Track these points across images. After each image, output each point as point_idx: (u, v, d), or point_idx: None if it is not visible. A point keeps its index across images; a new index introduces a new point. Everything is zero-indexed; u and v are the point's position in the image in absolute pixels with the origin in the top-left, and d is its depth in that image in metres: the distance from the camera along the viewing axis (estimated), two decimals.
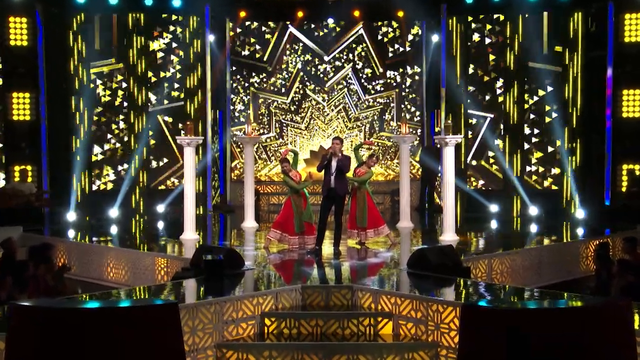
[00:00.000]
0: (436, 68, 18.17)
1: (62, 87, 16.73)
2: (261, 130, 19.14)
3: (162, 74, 17.55)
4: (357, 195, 12.27)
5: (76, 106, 16.96)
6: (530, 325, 4.02)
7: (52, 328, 4.01)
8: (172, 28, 17.58)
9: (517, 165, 16.89)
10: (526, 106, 17.04)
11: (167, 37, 17.62)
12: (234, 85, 19.16)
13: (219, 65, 18.54)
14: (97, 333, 4.00)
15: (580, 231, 14.38)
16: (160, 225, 15.83)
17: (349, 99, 19.35)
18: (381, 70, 19.30)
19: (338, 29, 19.21)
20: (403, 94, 19.34)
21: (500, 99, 17.22)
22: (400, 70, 19.33)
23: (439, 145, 12.69)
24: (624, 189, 15.95)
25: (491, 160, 17.50)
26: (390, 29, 19.22)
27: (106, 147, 17.41)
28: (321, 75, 19.33)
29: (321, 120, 19.38)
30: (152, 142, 17.51)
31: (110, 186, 17.35)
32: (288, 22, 19.07)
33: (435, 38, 18.25)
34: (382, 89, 19.38)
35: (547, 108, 17.00)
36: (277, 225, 12.00)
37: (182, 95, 17.56)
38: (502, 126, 17.14)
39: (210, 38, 17.79)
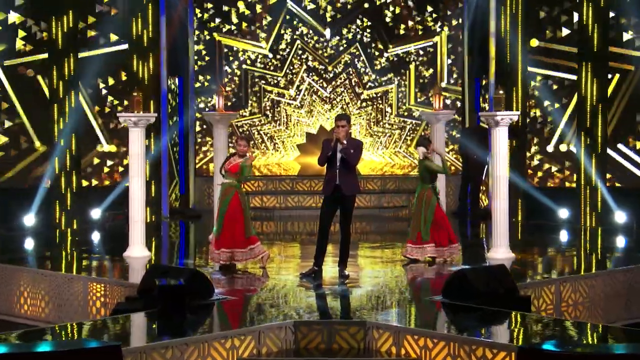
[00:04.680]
0: (483, 17, 18.19)
1: None
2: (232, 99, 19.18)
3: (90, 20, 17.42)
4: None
5: None
6: None
7: None
8: None
9: (596, 154, 16.82)
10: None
11: None
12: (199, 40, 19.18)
13: (179, 13, 18.54)
14: None
15: None
16: (96, 237, 15.85)
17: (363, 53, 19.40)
18: (405, 23, 19.35)
19: None
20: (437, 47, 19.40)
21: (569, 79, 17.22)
22: (433, 22, 19.38)
23: (486, 126, 12.68)
24: None
25: (562, 149, 17.50)
26: None
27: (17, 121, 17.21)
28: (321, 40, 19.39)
29: (321, 88, 19.42)
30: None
31: (21, 183, 17.27)
32: None
33: None
34: (406, 48, 19.41)
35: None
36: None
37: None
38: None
39: None
